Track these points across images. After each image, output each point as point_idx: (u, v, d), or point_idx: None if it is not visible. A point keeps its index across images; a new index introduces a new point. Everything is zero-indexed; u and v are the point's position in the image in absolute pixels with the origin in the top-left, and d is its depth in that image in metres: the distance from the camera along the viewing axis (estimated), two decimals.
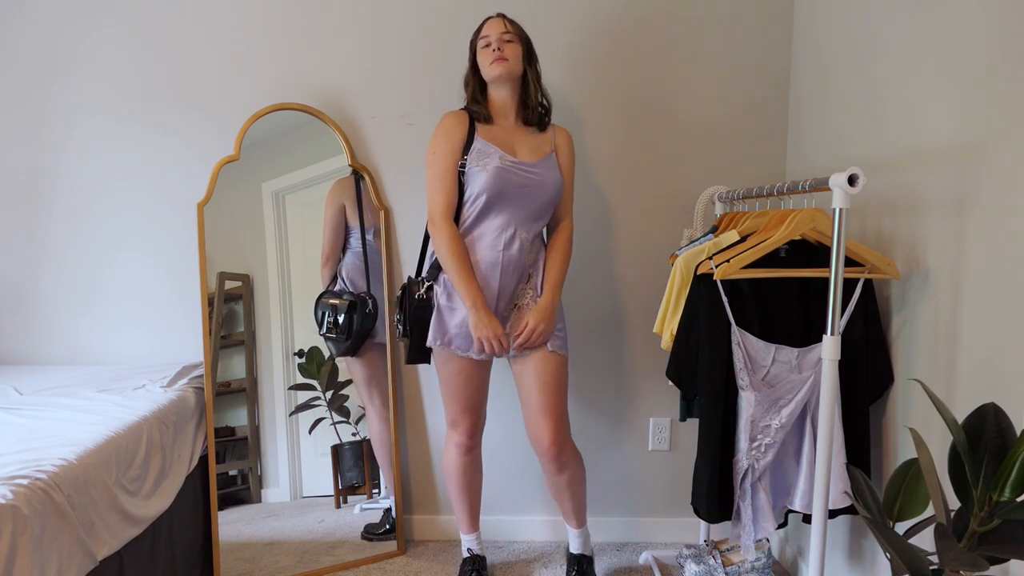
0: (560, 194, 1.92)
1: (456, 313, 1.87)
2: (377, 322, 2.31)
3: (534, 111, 1.91)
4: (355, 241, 2.30)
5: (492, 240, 1.85)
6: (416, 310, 1.90)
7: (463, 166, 1.85)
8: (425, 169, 2.29)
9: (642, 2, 2.26)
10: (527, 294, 1.91)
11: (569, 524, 2.11)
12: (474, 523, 2.16)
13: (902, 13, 1.63)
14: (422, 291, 1.90)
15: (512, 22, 1.89)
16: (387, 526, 2.34)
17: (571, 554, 2.13)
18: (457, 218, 1.87)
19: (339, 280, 2.29)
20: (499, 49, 1.83)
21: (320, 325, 2.26)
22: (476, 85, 1.92)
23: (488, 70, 1.85)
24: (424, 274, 1.95)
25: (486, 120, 1.90)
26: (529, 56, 1.90)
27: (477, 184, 1.83)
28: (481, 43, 1.87)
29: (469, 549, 2.17)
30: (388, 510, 2.36)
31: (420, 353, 1.94)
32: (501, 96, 1.90)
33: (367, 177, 2.30)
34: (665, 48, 2.28)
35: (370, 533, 2.32)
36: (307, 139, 2.26)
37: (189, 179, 2.29)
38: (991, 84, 1.32)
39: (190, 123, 2.30)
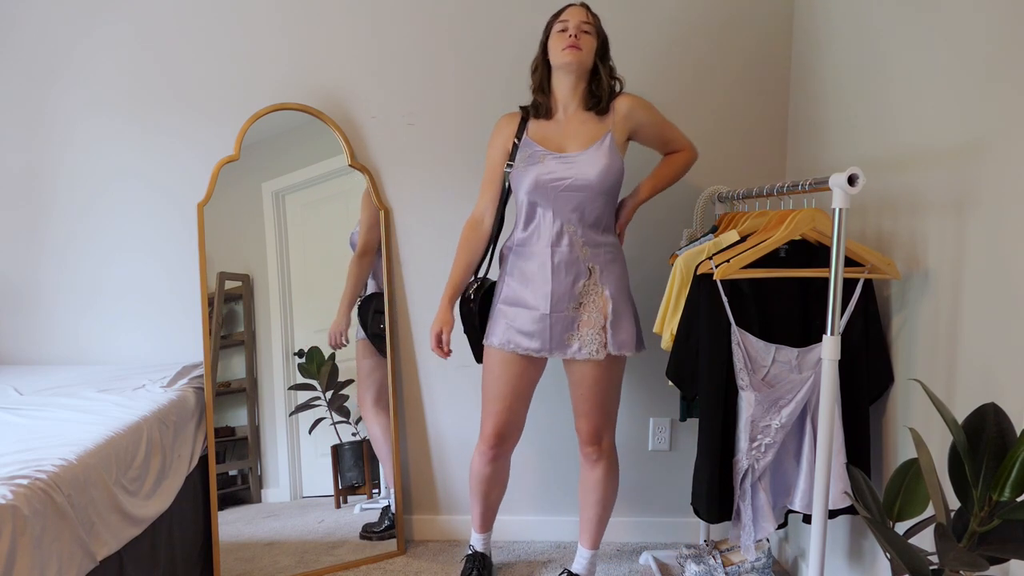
0: (615, 178, 1.83)
1: (526, 313, 1.85)
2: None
3: (600, 100, 1.85)
4: None
5: (542, 240, 1.83)
6: (461, 306, 1.97)
7: (510, 167, 1.86)
8: (426, 169, 2.32)
9: (641, 3, 2.26)
10: (592, 290, 1.83)
11: (582, 541, 2.05)
12: (486, 524, 2.14)
13: (902, 13, 1.63)
14: (471, 291, 1.95)
15: (594, 15, 1.86)
16: (386, 523, 2.34)
17: (571, 573, 2.07)
18: (501, 218, 1.95)
19: (376, 283, 2.34)
20: (575, 36, 1.78)
21: (369, 325, 2.30)
22: (544, 71, 1.87)
23: (559, 55, 1.80)
24: (483, 274, 1.99)
25: (545, 114, 1.88)
26: (603, 53, 1.86)
27: (522, 186, 1.84)
28: (558, 27, 1.82)
29: (472, 546, 2.16)
30: (386, 507, 2.35)
31: (477, 352, 1.99)
32: (564, 85, 1.85)
33: (367, 177, 2.30)
34: (664, 48, 2.28)
35: (369, 532, 2.32)
36: (307, 139, 2.26)
37: (189, 179, 2.29)
38: (991, 85, 1.32)
39: (190, 123, 2.30)
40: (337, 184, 2.30)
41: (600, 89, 1.85)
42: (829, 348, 1.48)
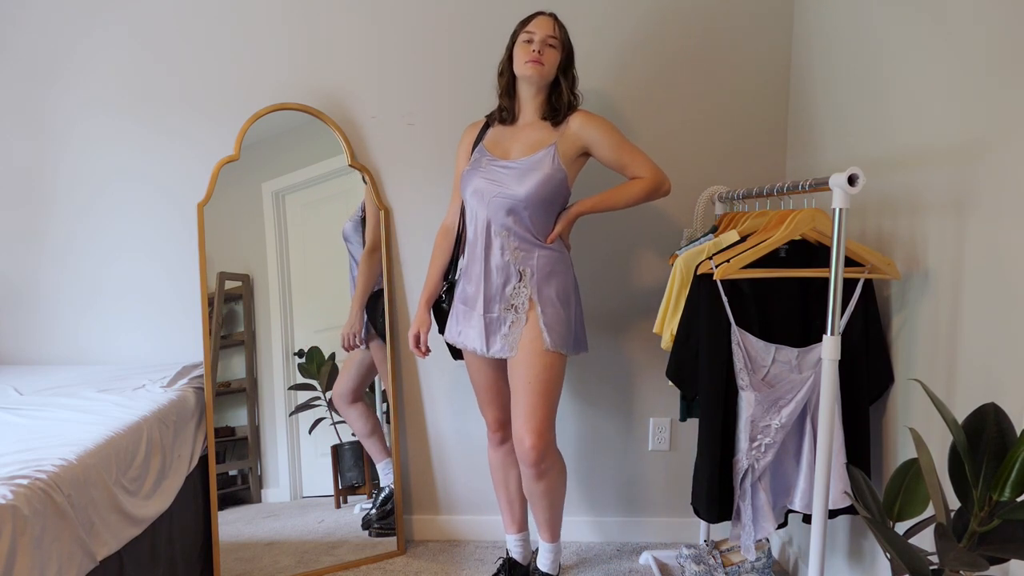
0: (552, 190, 1.82)
1: (470, 313, 1.90)
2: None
3: (561, 111, 1.87)
4: None
5: (479, 242, 1.87)
6: (435, 309, 2.05)
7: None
8: (426, 169, 2.32)
9: (640, 3, 2.26)
10: (521, 293, 1.83)
11: (542, 536, 2.04)
12: (513, 522, 2.10)
13: (902, 12, 1.63)
14: (443, 292, 2.02)
15: (561, 27, 1.87)
16: (378, 502, 2.34)
17: (538, 570, 2.06)
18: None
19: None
20: (539, 51, 1.81)
21: (380, 324, 2.32)
22: (510, 76, 1.90)
23: (521, 68, 1.83)
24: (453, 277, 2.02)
25: (510, 119, 1.92)
26: (566, 66, 1.89)
27: (465, 191, 1.90)
28: (523, 36, 1.84)
29: (508, 550, 2.12)
30: (379, 496, 2.35)
31: (454, 351, 2.06)
32: (525, 93, 1.89)
33: (367, 177, 2.30)
34: (665, 48, 2.28)
35: (374, 525, 2.32)
36: (307, 139, 2.26)
37: (189, 179, 2.29)
38: (991, 84, 1.32)
39: (190, 123, 2.30)
40: (337, 184, 2.30)
41: (559, 102, 1.88)
42: (829, 348, 1.48)
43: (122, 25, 2.27)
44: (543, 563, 2.06)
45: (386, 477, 2.35)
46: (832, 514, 1.65)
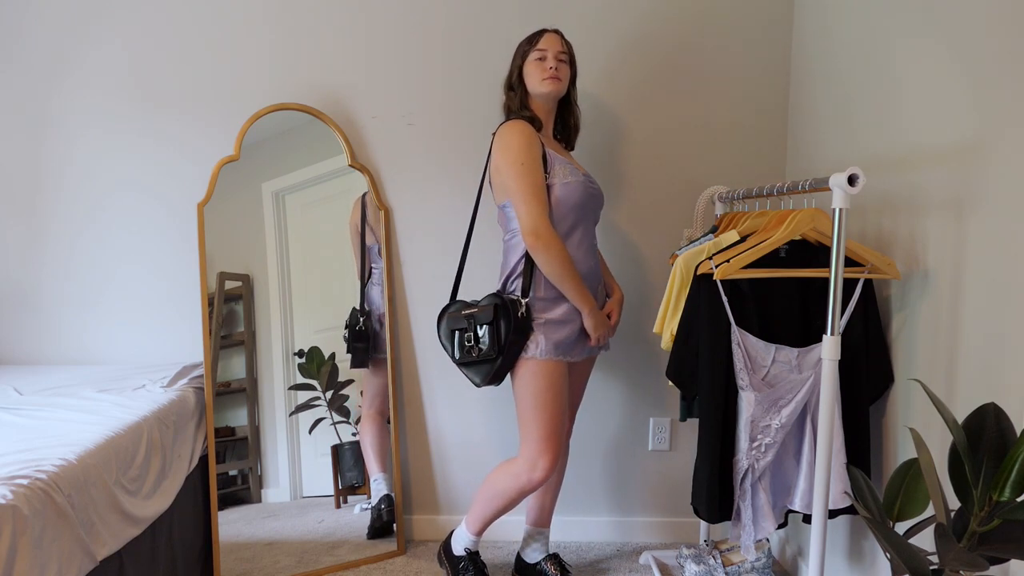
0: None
1: (570, 323, 1.84)
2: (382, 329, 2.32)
3: (575, 131, 2.00)
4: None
5: (584, 251, 1.86)
6: (521, 328, 1.79)
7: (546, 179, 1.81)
8: (426, 169, 2.31)
9: (640, 3, 2.26)
10: (601, 293, 1.97)
11: (545, 524, 2.15)
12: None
13: (903, 12, 1.63)
14: (523, 309, 1.79)
15: (568, 42, 1.89)
16: (380, 511, 2.34)
17: (551, 555, 2.13)
18: None
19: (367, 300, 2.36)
20: (555, 68, 1.83)
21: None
22: (523, 92, 1.89)
23: (540, 85, 1.84)
24: (530, 293, 1.81)
25: (540, 131, 1.89)
26: (573, 80, 1.93)
27: (570, 198, 1.81)
28: (535, 55, 1.85)
29: (467, 549, 2.13)
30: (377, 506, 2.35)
31: (504, 374, 1.86)
32: (544, 110, 1.90)
33: (367, 177, 2.30)
34: (665, 49, 2.28)
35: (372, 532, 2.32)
36: (307, 139, 2.26)
37: (189, 179, 2.29)
38: (991, 84, 1.32)
39: (190, 123, 2.30)
40: (337, 184, 2.30)
41: (574, 117, 1.98)
42: (829, 348, 1.48)
43: (125, 25, 2.27)
44: (550, 546, 2.19)
45: (378, 492, 2.35)
46: (832, 514, 1.65)
